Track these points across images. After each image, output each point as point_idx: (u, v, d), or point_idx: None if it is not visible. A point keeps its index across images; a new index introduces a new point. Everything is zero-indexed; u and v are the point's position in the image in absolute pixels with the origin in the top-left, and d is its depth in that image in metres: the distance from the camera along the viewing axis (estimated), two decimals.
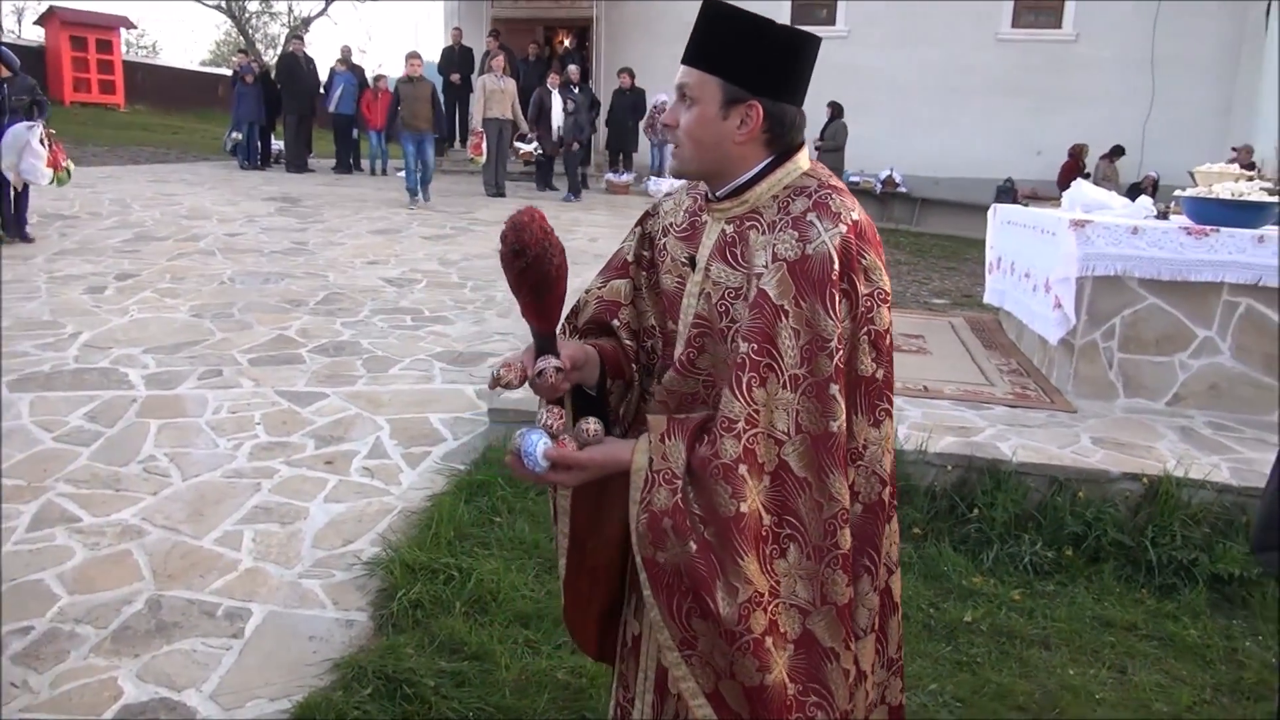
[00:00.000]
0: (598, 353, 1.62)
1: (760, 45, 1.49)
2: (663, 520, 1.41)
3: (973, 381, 5.37)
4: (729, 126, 1.50)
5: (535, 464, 1.45)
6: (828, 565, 1.46)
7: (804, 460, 1.44)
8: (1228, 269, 4.75)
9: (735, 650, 1.42)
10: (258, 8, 34.78)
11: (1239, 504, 3.85)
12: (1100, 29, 16.08)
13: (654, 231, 1.70)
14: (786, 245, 1.46)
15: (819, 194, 1.49)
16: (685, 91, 1.52)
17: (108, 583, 3.23)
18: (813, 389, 1.43)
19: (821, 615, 1.47)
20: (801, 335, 1.42)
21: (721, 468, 1.40)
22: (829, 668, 1.48)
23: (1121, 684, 3.04)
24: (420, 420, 4.77)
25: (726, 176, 1.55)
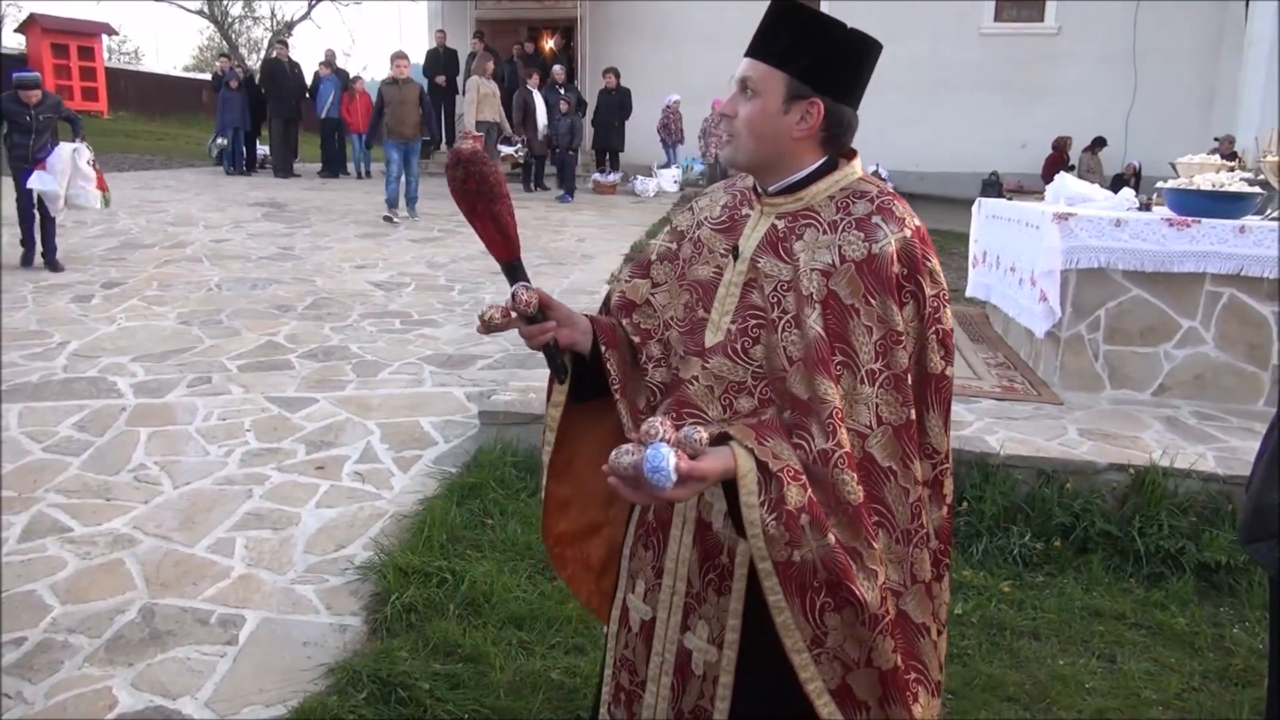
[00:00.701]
0: (590, 322, 1.66)
1: (828, 45, 1.53)
2: (800, 517, 1.41)
3: (960, 375, 5.39)
4: (789, 121, 1.54)
5: (666, 480, 1.31)
6: (915, 546, 1.53)
7: (887, 450, 1.49)
8: (1210, 259, 4.79)
9: (877, 634, 1.48)
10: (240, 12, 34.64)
11: (1225, 493, 3.89)
12: (1082, 22, 16.17)
13: (686, 227, 1.74)
14: (853, 246, 1.51)
15: (881, 199, 1.56)
16: (748, 84, 1.54)
17: (100, 592, 3.24)
18: (890, 381, 1.49)
19: (912, 594, 1.55)
20: (874, 331, 1.48)
21: (845, 456, 1.44)
22: (922, 643, 1.57)
23: (1111, 673, 3.08)
24: (411, 424, 4.77)
25: (779, 172, 1.59)
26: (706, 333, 1.61)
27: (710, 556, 1.62)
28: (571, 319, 1.64)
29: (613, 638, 1.80)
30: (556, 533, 1.85)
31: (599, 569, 1.87)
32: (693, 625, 1.64)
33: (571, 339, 1.63)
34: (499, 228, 1.59)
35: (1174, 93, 15.69)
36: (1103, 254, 4.89)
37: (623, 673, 1.78)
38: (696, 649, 1.64)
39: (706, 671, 1.63)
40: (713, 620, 1.62)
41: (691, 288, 1.66)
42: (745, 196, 1.68)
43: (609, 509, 1.83)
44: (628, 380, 1.67)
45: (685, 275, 1.69)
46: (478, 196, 1.57)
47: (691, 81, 15.18)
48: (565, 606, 3.21)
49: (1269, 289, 4.81)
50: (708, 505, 1.62)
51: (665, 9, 16.86)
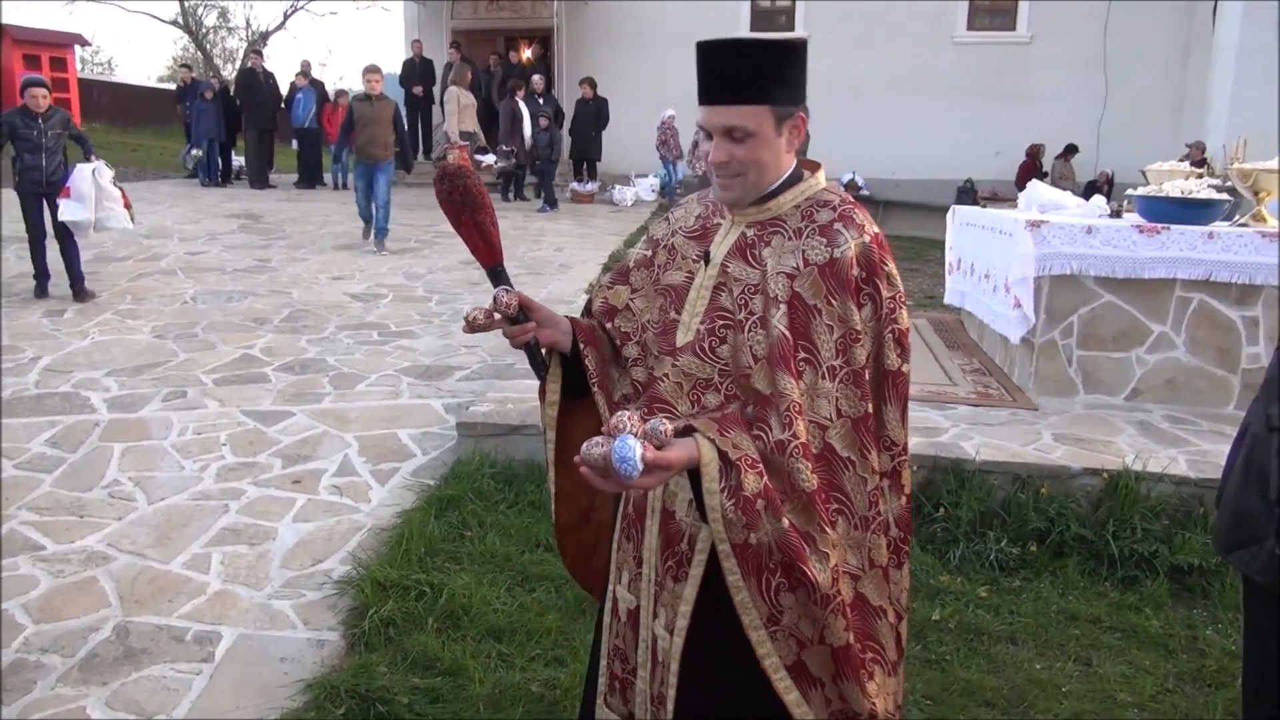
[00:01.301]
0: (571, 324, 1.79)
1: (782, 61, 1.61)
2: (756, 502, 1.50)
3: (936, 382, 5.44)
4: (782, 143, 1.65)
5: (633, 469, 1.40)
6: (873, 532, 1.63)
7: (846, 441, 1.60)
8: (1179, 265, 4.85)
9: (829, 613, 1.57)
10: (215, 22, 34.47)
11: (1197, 495, 3.94)
12: (1053, 30, 16.35)
13: (662, 235, 1.85)
14: (816, 251, 1.62)
15: (843, 208, 1.67)
16: (737, 131, 1.61)
17: (74, 610, 3.20)
18: (850, 377, 1.60)
19: (869, 578, 1.64)
20: (835, 330, 1.59)
21: (800, 446, 1.54)
22: (879, 624, 1.66)
23: (1087, 676, 3.10)
24: (388, 436, 4.75)
25: (771, 186, 1.68)
26: (678, 333, 1.71)
27: (670, 544, 1.71)
28: (552, 320, 1.75)
29: (606, 629, 1.89)
30: (560, 522, 1.97)
31: (591, 550, 1.99)
32: (657, 612, 1.75)
33: (552, 338, 1.76)
34: (483, 236, 1.73)
35: (1145, 99, 15.89)
36: (1075, 261, 4.95)
37: (615, 662, 1.86)
38: (659, 636, 1.74)
39: (664, 658, 1.72)
40: (668, 607, 1.71)
41: (665, 292, 1.77)
42: (717, 207, 1.79)
43: (595, 494, 1.92)
44: (605, 376, 1.79)
45: (660, 280, 1.79)
46: (463, 207, 1.71)
47: (669, 90, 15.19)
48: (544, 618, 3.20)
49: (1237, 294, 4.88)
50: (672, 495, 1.71)
51: (641, 18, 16.92)
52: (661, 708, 1.75)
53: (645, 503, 1.76)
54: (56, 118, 7.22)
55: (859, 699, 1.61)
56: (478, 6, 18.02)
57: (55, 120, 7.20)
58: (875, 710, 1.63)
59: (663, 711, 1.75)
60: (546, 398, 1.84)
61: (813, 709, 1.62)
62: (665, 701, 1.73)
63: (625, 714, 1.86)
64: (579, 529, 1.98)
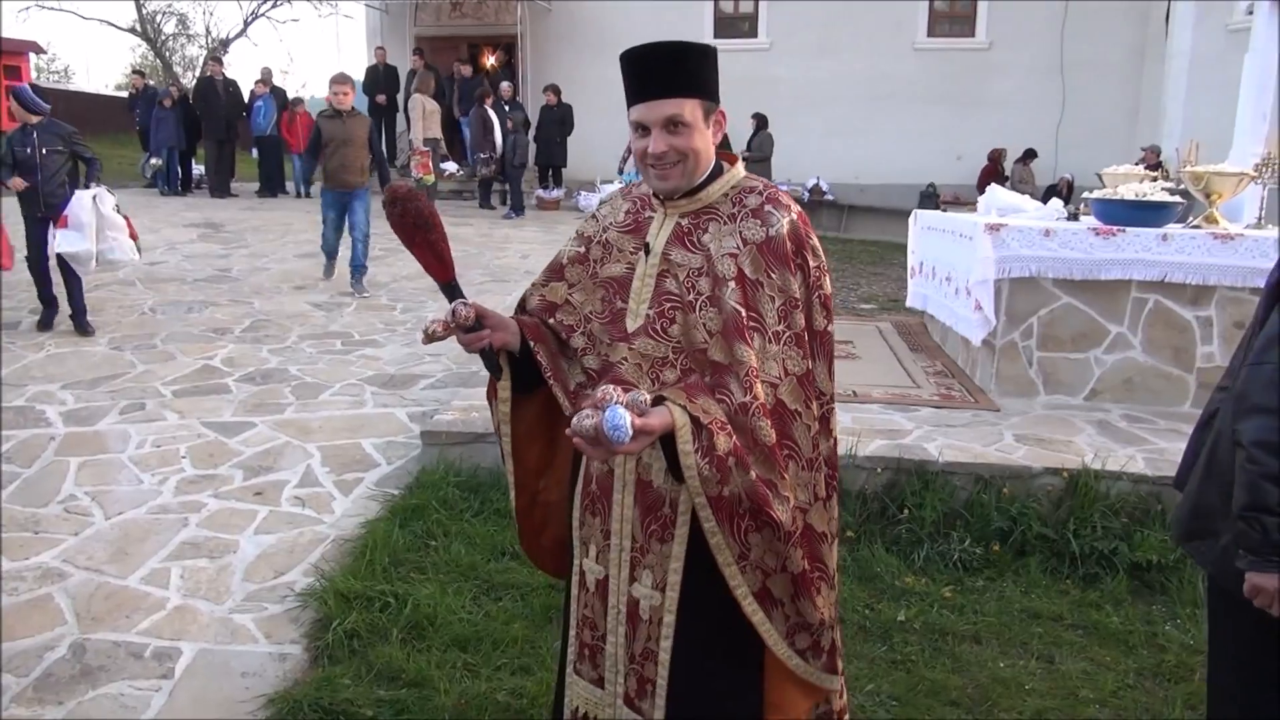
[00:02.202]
0: (517, 323, 1.92)
1: (706, 62, 1.80)
2: (728, 460, 1.69)
3: (900, 384, 5.48)
4: (709, 135, 1.82)
5: (624, 435, 1.55)
6: (815, 470, 1.86)
7: (793, 395, 1.81)
8: (1134, 267, 4.93)
9: (790, 546, 1.80)
10: (174, 30, 34.02)
11: (1154, 493, 4.00)
12: (1012, 37, 16.58)
13: (593, 232, 1.99)
14: (752, 231, 1.80)
15: (768, 192, 1.86)
16: (677, 119, 1.76)
17: (28, 629, 3.13)
18: (792, 339, 1.80)
19: (814, 510, 1.87)
20: (776, 300, 1.79)
21: (760, 407, 1.74)
22: (823, 547, 1.89)
23: (1050, 673, 3.14)
24: (352, 446, 4.71)
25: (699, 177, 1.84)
26: (627, 320, 1.87)
27: (652, 510, 1.87)
28: (503, 324, 1.88)
29: (573, 601, 2.03)
30: (517, 509, 2.13)
31: (540, 529, 2.16)
32: (639, 576, 1.90)
33: (504, 340, 1.89)
34: (435, 254, 1.84)
35: (1101, 105, 16.16)
36: (1033, 263, 5.01)
37: (585, 631, 2.01)
38: (643, 596, 1.89)
39: (652, 615, 1.89)
40: (655, 568, 1.88)
41: (607, 284, 1.92)
42: (646, 201, 1.94)
43: (539, 479, 2.11)
44: (558, 369, 1.93)
45: (598, 274, 1.94)
46: (415, 229, 1.82)
47: None
48: (510, 627, 3.19)
49: (1192, 294, 4.97)
50: (646, 466, 1.87)
51: (605, 24, 16.92)
52: (648, 663, 1.91)
53: (610, 479, 1.90)
54: (50, 131, 6.46)
55: (811, 611, 1.86)
56: (441, 13, 17.94)
57: (50, 131, 6.46)
58: (824, 617, 1.89)
59: (648, 667, 1.90)
60: (499, 395, 1.97)
61: (775, 626, 1.86)
62: (655, 655, 1.90)
63: (595, 678, 2.00)
64: (529, 513, 2.13)
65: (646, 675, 1.91)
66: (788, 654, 1.87)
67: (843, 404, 4.94)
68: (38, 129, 6.39)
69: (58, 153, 6.46)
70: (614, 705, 1.96)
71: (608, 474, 1.91)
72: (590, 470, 1.94)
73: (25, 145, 6.37)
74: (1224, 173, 5.14)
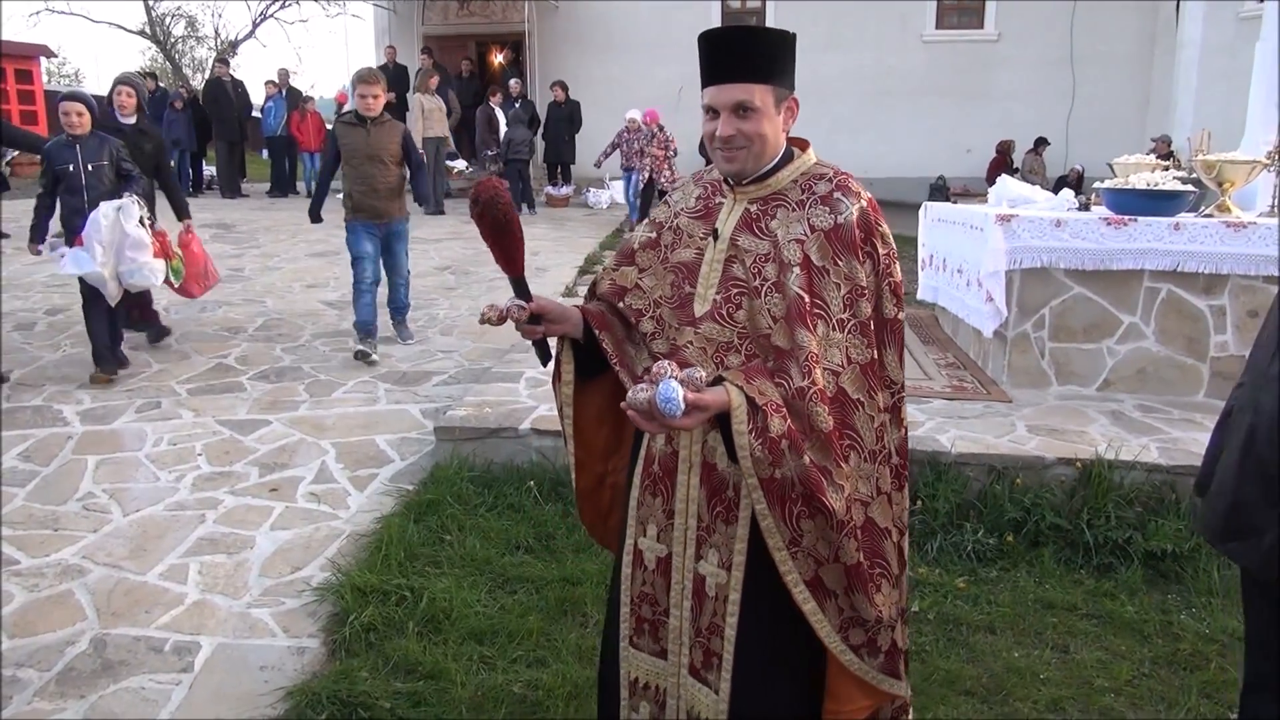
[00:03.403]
0: (581, 313, 1.98)
1: (781, 49, 1.82)
2: (781, 442, 1.70)
3: (912, 376, 5.47)
4: (780, 122, 1.84)
5: (676, 409, 1.59)
6: (880, 464, 1.83)
7: (856, 384, 1.79)
8: (1147, 256, 4.92)
9: (843, 536, 1.77)
10: (183, 32, 34.16)
11: (1169, 482, 3.99)
12: (1021, 29, 16.51)
13: (664, 218, 2.03)
14: (821, 218, 1.81)
15: (838, 179, 1.86)
16: (745, 105, 1.79)
17: (49, 624, 3.17)
18: (857, 328, 1.79)
19: (877, 504, 1.84)
20: (843, 287, 1.79)
21: (819, 393, 1.74)
22: (886, 544, 1.86)
23: (1064, 663, 3.14)
24: (366, 442, 4.74)
25: (768, 163, 1.87)
26: (695, 304, 1.89)
27: (717, 493, 1.90)
28: (564, 315, 1.96)
29: (626, 580, 2.06)
30: (579, 489, 2.18)
31: (606, 511, 2.21)
32: (705, 554, 1.93)
33: (563, 331, 1.97)
34: (507, 256, 1.90)
35: (1111, 96, 16.09)
36: (1045, 254, 5.00)
37: (644, 606, 2.04)
38: (709, 574, 1.92)
39: (718, 592, 1.91)
40: (721, 547, 1.90)
41: (676, 269, 1.95)
42: (717, 187, 1.97)
43: (608, 461, 2.16)
44: (623, 355, 1.99)
45: (669, 259, 1.97)
46: (493, 232, 1.87)
47: (641, 93, 15.23)
48: (526, 620, 3.20)
49: (1204, 283, 4.95)
50: (711, 449, 1.89)
51: (612, 22, 16.95)
52: (714, 637, 1.93)
53: (674, 461, 1.94)
54: (99, 146, 5.52)
55: (867, 607, 1.82)
56: (448, 12, 17.96)
57: (95, 147, 5.50)
58: (881, 615, 1.84)
59: (714, 641, 1.93)
60: (562, 378, 2.04)
61: (827, 617, 1.83)
62: (721, 630, 1.92)
63: (657, 650, 2.04)
64: (595, 494, 2.19)
65: (713, 649, 1.93)
66: (841, 648, 1.85)
67: None
68: (82, 142, 5.47)
69: (102, 169, 5.51)
70: (678, 675, 2.00)
71: (671, 455, 1.93)
72: (652, 451, 1.97)
73: (67, 161, 5.44)
74: (1236, 161, 5.11)
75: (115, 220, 5.39)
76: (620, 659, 2.09)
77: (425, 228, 11.91)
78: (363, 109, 6.04)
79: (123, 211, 5.42)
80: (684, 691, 2.00)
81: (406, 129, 6.46)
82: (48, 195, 5.57)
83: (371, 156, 6.02)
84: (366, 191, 6.04)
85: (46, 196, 5.58)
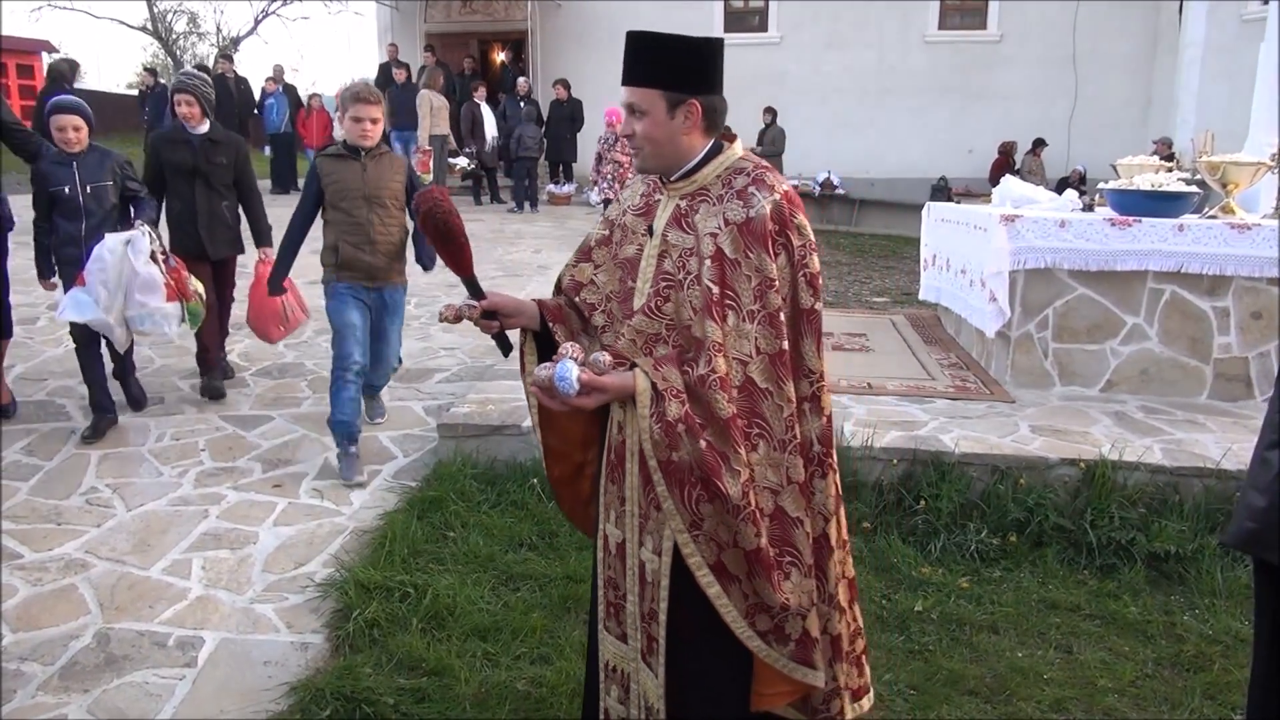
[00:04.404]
0: (538, 306, 2.10)
1: (682, 55, 1.88)
2: (677, 426, 1.79)
3: (915, 376, 5.48)
4: (676, 124, 1.89)
5: (570, 388, 1.75)
6: (789, 453, 1.87)
7: (765, 374, 1.85)
8: (1150, 258, 4.92)
9: (740, 521, 1.81)
10: (185, 28, 34.15)
11: (1172, 484, 3.99)
12: (1023, 29, 16.54)
13: (615, 215, 2.12)
14: (734, 212, 1.87)
15: (756, 172, 1.92)
16: (635, 107, 1.90)
17: (53, 619, 3.17)
18: (766, 319, 1.84)
19: (788, 493, 1.89)
20: (753, 279, 1.84)
21: (718, 380, 1.80)
22: (797, 533, 1.90)
23: (1068, 663, 3.14)
24: (369, 439, 4.73)
25: (680, 163, 1.94)
26: (635, 299, 1.98)
27: (649, 480, 1.92)
28: (519, 309, 2.07)
29: (600, 564, 2.12)
30: (554, 477, 2.26)
31: (586, 500, 2.26)
32: (644, 540, 1.98)
33: (521, 324, 2.09)
34: (455, 260, 2.04)
35: (1113, 96, 16.10)
36: (1048, 254, 5.00)
37: (609, 590, 2.10)
38: (647, 560, 1.98)
39: (654, 578, 1.96)
40: (655, 533, 1.95)
41: (623, 264, 2.04)
42: (657, 185, 2.05)
43: (587, 451, 2.21)
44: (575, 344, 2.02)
45: (618, 255, 2.06)
46: (436, 239, 2.02)
47: None
48: (529, 617, 3.20)
49: (1208, 285, 4.95)
50: None
51: (615, 19, 16.91)
52: (653, 622, 1.98)
53: (625, 449, 1.98)
54: (99, 162, 4.65)
55: (770, 594, 1.86)
56: (451, 9, 17.98)
57: (94, 164, 4.63)
58: (788, 603, 1.88)
59: (653, 626, 1.98)
60: (525, 369, 2.13)
61: (732, 602, 1.88)
62: (657, 615, 1.96)
63: (619, 634, 2.09)
64: (574, 482, 2.25)
65: (653, 634, 1.99)
66: (748, 634, 1.89)
67: (857, 395, 4.95)
68: (80, 159, 4.58)
69: (104, 190, 4.65)
70: (635, 660, 2.05)
71: (621, 443, 1.99)
72: (610, 438, 2.03)
73: (62, 182, 4.55)
74: (1240, 162, 5.11)
75: (123, 255, 4.40)
76: (599, 642, 2.16)
77: None
78: (356, 136, 4.35)
79: (131, 245, 4.45)
80: (640, 676, 2.05)
81: (409, 163, 5.02)
82: (45, 220, 4.68)
83: (369, 198, 4.39)
84: (360, 243, 4.39)
85: (44, 222, 4.69)
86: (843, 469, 4.06)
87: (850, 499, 4.05)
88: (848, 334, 6.58)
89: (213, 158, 5.23)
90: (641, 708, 2.05)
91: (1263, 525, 1.87)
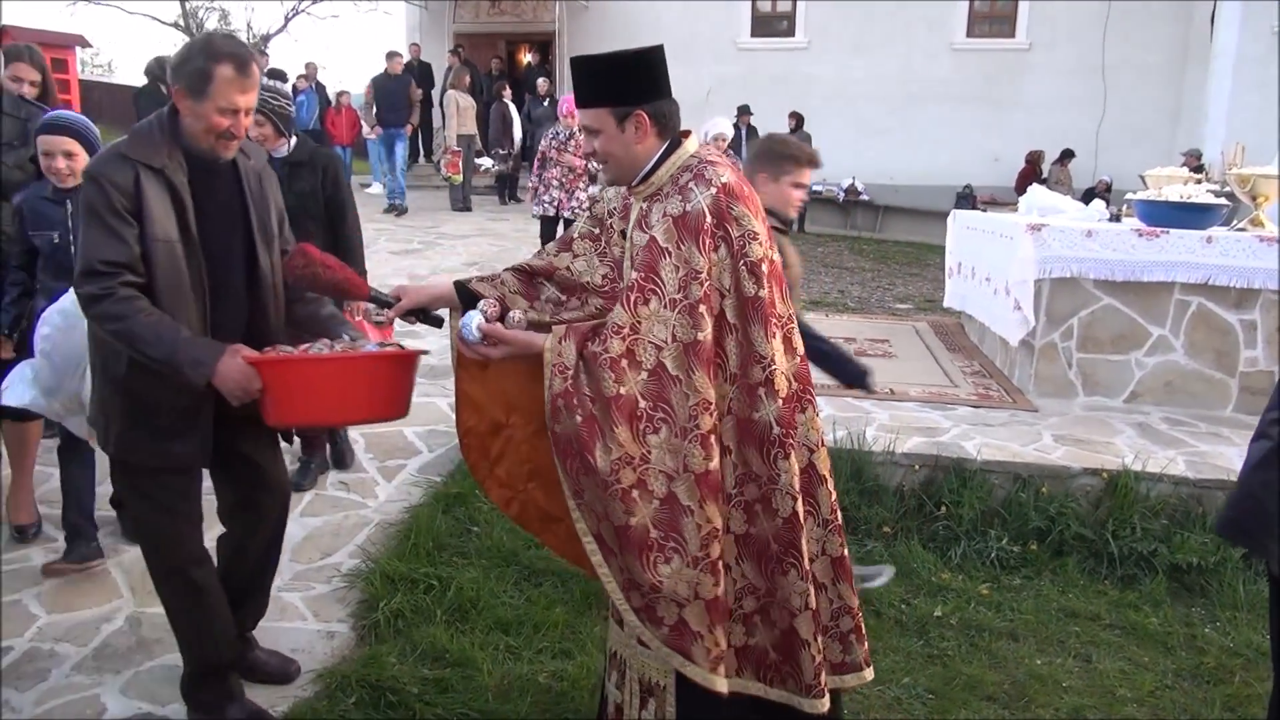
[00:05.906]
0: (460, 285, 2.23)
1: (619, 71, 1.98)
2: (557, 400, 1.90)
3: (937, 383, 5.49)
4: (629, 135, 1.99)
5: (470, 334, 1.94)
6: (689, 442, 1.91)
7: (677, 362, 1.90)
8: (1178, 269, 4.91)
9: (607, 496, 1.89)
10: (216, 25, 34.46)
11: (1195, 496, 3.98)
12: (1052, 37, 16.42)
13: (601, 214, 2.24)
14: (674, 205, 1.95)
15: (698, 167, 1.99)
16: (589, 128, 2.03)
17: (87, 602, 3.23)
18: (687, 309, 1.90)
19: (682, 480, 1.92)
20: (680, 270, 1.90)
21: (608, 360, 1.88)
22: (685, 521, 1.92)
23: (1087, 672, 3.15)
24: (395, 434, 4.79)
25: (639, 169, 2.03)
26: None
27: None
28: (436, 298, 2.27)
29: None
30: (465, 426, 2.27)
31: (495, 459, 2.29)
32: None
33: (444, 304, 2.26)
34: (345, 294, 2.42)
35: (1142, 106, 15.96)
36: (1074, 264, 5.00)
37: None
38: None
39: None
40: None
41: (610, 264, 2.18)
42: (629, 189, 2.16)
43: (509, 414, 2.25)
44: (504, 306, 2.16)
45: (606, 253, 2.20)
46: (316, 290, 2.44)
47: None
48: (551, 612, 3.24)
49: (1236, 297, 4.93)
50: None
51: (641, 21, 16.96)
52: None
53: None
54: None
55: (640, 573, 1.91)
56: (479, 10, 18.07)
57: None
58: (660, 585, 1.91)
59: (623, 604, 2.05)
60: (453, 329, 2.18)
61: (613, 573, 1.97)
62: None
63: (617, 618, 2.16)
64: (486, 437, 2.27)
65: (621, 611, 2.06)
66: (625, 606, 1.97)
67: (879, 401, 4.96)
68: (74, 197, 3.07)
69: None
70: (631, 645, 2.12)
71: None
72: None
73: (52, 227, 3.27)
74: (1270, 175, 5.09)
75: (78, 319, 2.67)
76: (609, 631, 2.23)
77: (453, 223, 11.99)
78: None
79: None
80: (635, 660, 2.12)
81: None
82: (21, 270, 3.35)
83: None
84: None
85: (19, 271, 3.36)
86: (864, 473, 4.11)
87: (871, 503, 4.07)
88: (871, 339, 6.59)
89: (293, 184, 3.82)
90: (634, 691, 2.12)
91: (1238, 513, 1.93)
